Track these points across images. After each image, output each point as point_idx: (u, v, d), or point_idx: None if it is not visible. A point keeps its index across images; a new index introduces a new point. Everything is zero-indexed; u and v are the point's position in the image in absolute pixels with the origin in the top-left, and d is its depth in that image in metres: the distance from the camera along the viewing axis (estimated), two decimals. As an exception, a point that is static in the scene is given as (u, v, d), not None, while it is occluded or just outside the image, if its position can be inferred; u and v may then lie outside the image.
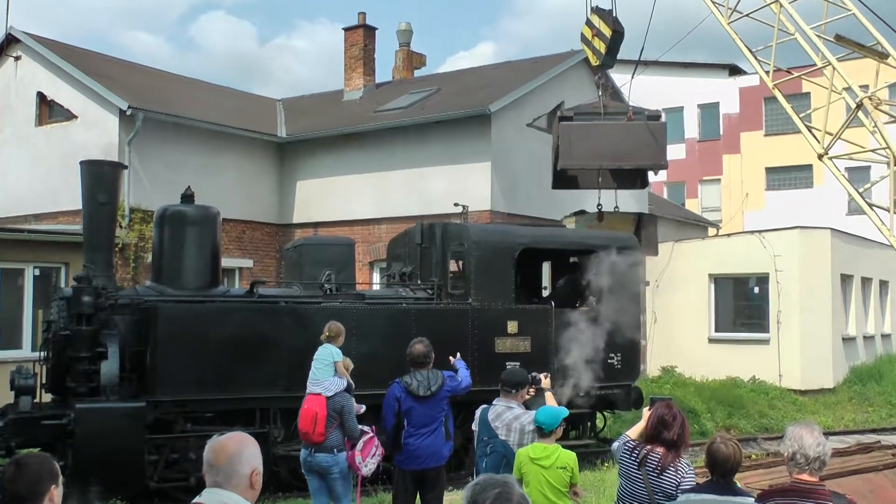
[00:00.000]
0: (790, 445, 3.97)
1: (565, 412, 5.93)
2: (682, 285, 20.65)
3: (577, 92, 18.54)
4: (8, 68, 18.64)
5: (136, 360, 9.15)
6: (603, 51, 13.29)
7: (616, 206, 14.21)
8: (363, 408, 8.14)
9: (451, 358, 8.21)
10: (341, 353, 7.90)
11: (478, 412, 6.41)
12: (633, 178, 14.34)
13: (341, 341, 7.98)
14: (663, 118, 13.55)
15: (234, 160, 19.00)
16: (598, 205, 13.87)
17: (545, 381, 6.95)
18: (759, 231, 20.55)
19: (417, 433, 7.34)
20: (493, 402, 6.36)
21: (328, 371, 7.68)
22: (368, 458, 7.57)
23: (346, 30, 22.06)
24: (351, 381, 7.93)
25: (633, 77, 14.70)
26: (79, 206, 10.12)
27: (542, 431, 5.77)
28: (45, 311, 12.24)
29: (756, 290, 20.50)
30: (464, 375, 7.77)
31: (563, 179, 14.22)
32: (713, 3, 12.70)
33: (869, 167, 26.36)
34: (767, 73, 12.19)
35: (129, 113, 16.45)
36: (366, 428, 7.71)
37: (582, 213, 14.23)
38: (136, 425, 8.66)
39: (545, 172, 15.06)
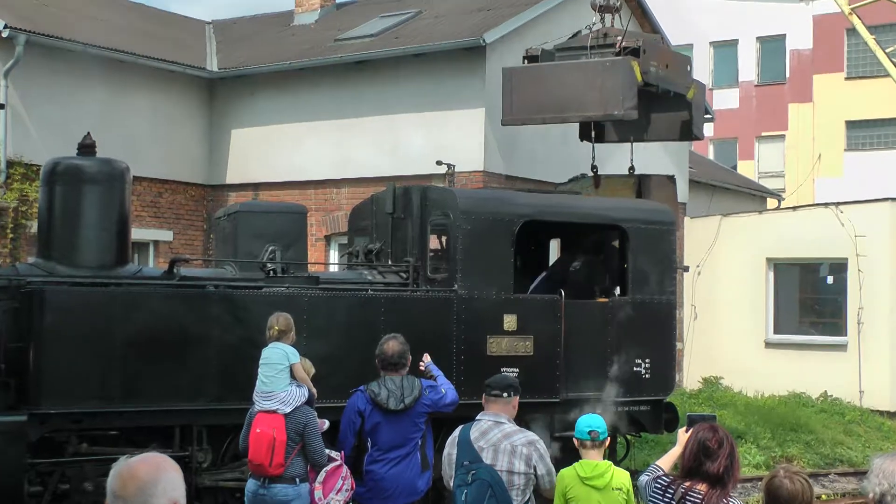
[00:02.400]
0: (878, 483, 3.91)
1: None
2: (730, 273, 20.81)
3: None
4: None
5: (14, 360, 9.12)
6: None
7: (631, 167, 14.38)
8: (326, 423, 8.21)
9: (421, 363, 8.25)
10: (297, 353, 7.94)
11: (455, 432, 6.47)
12: (673, 128, 14.58)
13: (293, 337, 8.02)
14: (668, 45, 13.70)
15: (149, 101, 18.94)
16: (593, 166, 14.12)
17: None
18: (836, 203, 20.70)
19: (385, 458, 7.41)
20: (477, 417, 6.41)
21: (282, 378, 7.72)
22: (332, 494, 7.63)
23: (298, -69, 22.03)
24: (313, 390, 7.98)
25: None
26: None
27: (588, 442, 5.86)
28: None
29: (830, 279, 20.69)
30: (447, 387, 7.83)
31: (589, 130, 14.62)
32: None
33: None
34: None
35: (5, 35, 16.33)
36: (333, 453, 7.76)
37: (583, 177, 14.48)
38: (14, 446, 8.63)
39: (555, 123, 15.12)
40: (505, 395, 6.38)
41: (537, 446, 6.29)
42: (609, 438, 5.98)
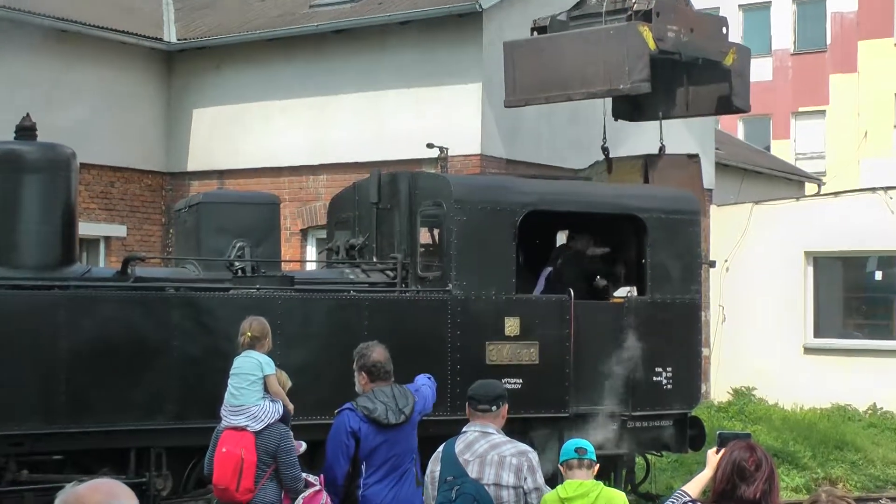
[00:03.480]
0: None
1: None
2: (764, 268, 20.83)
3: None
4: None
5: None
6: None
7: (661, 146, 14.29)
8: (303, 445, 8.20)
9: None
10: (272, 362, 7.93)
11: (440, 447, 6.53)
12: (710, 100, 14.55)
13: (269, 345, 8.03)
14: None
15: (97, 77, 18.91)
16: (604, 146, 14.09)
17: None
18: (885, 188, 20.72)
19: (385, 480, 7.42)
20: (463, 430, 6.46)
21: (254, 391, 7.74)
22: (311, 525, 7.63)
23: None
24: (290, 406, 7.97)
25: None
26: None
27: (575, 461, 5.88)
28: None
29: (878, 275, 20.73)
30: (425, 383, 7.89)
31: (627, 106, 14.66)
32: None
33: None
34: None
35: (-69, 2, 16.29)
36: (311, 477, 7.76)
37: (603, 161, 14.44)
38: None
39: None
40: (493, 408, 6.43)
41: (529, 456, 6.34)
42: (598, 464, 6.01)
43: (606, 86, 13.54)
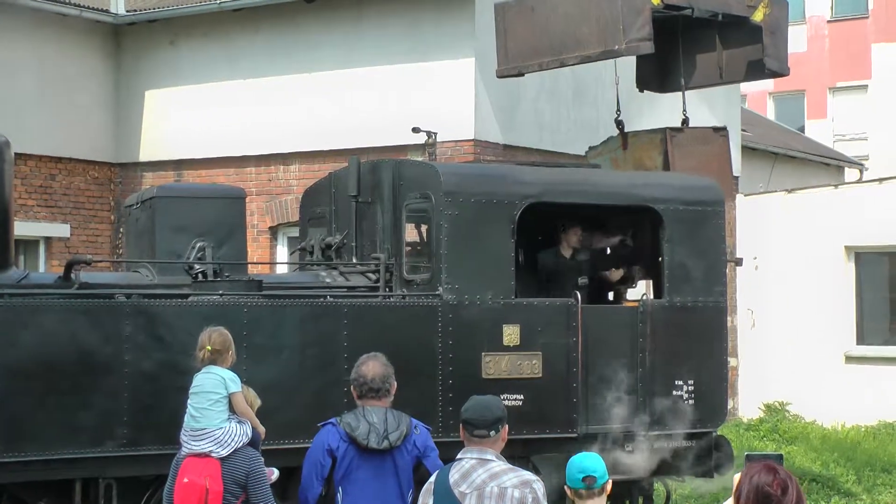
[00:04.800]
0: None
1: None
2: (799, 266, 20.85)
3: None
4: None
5: None
6: None
7: (685, 119, 14.22)
8: (276, 473, 8.21)
9: None
10: (238, 378, 7.94)
11: (432, 477, 6.52)
12: (739, 64, 14.41)
13: (232, 359, 8.02)
14: None
15: (35, 55, 18.90)
16: (618, 118, 14.10)
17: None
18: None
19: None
20: (458, 456, 6.44)
21: (218, 412, 7.73)
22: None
23: None
24: (260, 428, 7.97)
25: None
26: None
27: (584, 491, 5.89)
28: None
29: (931, 274, 20.76)
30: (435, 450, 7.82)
31: (650, 76, 14.59)
32: None
33: None
34: None
35: None
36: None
37: (617, 137, 14.37)
38: None
39: (568, 74, 15.06)
40: (492, 433, 6.40)
41: (534, 486, 6.31)
42: (610, 483, 5.99)
43: (600, 47, 13.31)
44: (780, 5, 14.43)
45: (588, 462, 6.05)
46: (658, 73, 14.81)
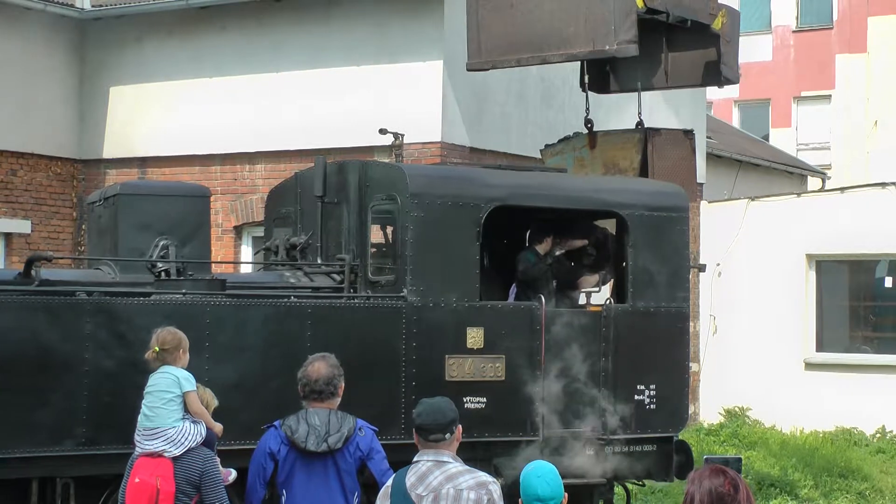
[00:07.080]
0: None
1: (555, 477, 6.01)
2: (760, 273, 20.95)
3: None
4: None
5: None
6: None
7: (639, 122, 14.26)
8: (233, 473, 8.17)
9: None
10: (193, 378, 7.90)
11: (388, 481, 6.52)
12: (696, 70, 14.53)
13: (186, 359, 7.98)
14: None
15: None
16: (587, 120, 14.17)
17: None
18: (897, 183, 20.88)
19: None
20: (415, 459, 6.44)
21: (171, 411, 7.71)
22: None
23: None
24: (215, 427, 7.94)
25: None
26: None
27: None
28: None
29: (889, 282, 20.86)
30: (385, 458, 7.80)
31: (597, 76, 14.57)
32: None
33: None
34: None
35: None
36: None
37: (576, 135, 14.41)
38: None
39: (536, 78, 15.07)
40: (447, 435, 6.40)
41: (490, 488, 6.31)
42: (566, 496, 5.93)
43: (588, 46, 13.37)
44: (733, 15, 14.74)
45: (542, 489, 5.89)
46: (600, 75, 14.80)
